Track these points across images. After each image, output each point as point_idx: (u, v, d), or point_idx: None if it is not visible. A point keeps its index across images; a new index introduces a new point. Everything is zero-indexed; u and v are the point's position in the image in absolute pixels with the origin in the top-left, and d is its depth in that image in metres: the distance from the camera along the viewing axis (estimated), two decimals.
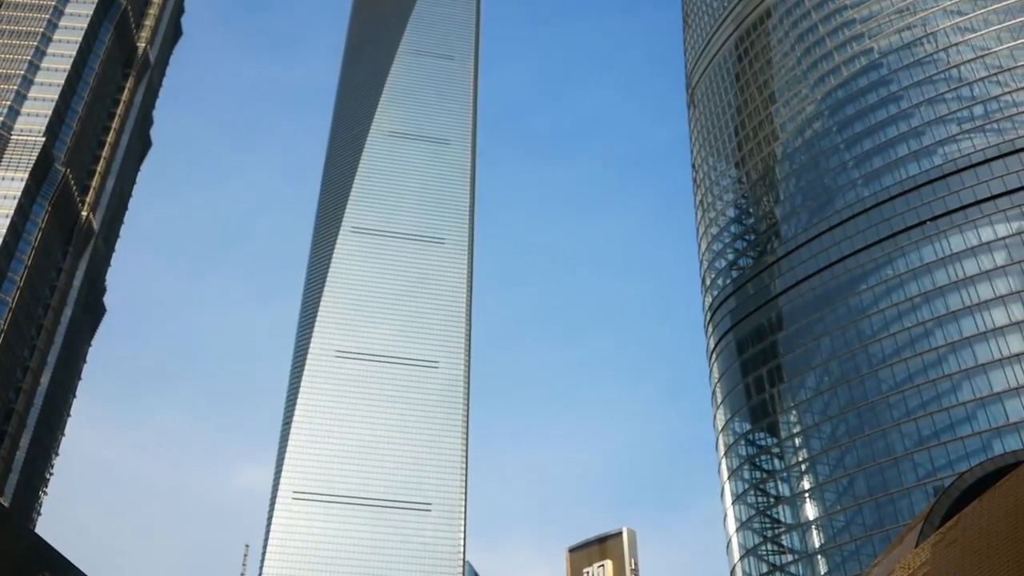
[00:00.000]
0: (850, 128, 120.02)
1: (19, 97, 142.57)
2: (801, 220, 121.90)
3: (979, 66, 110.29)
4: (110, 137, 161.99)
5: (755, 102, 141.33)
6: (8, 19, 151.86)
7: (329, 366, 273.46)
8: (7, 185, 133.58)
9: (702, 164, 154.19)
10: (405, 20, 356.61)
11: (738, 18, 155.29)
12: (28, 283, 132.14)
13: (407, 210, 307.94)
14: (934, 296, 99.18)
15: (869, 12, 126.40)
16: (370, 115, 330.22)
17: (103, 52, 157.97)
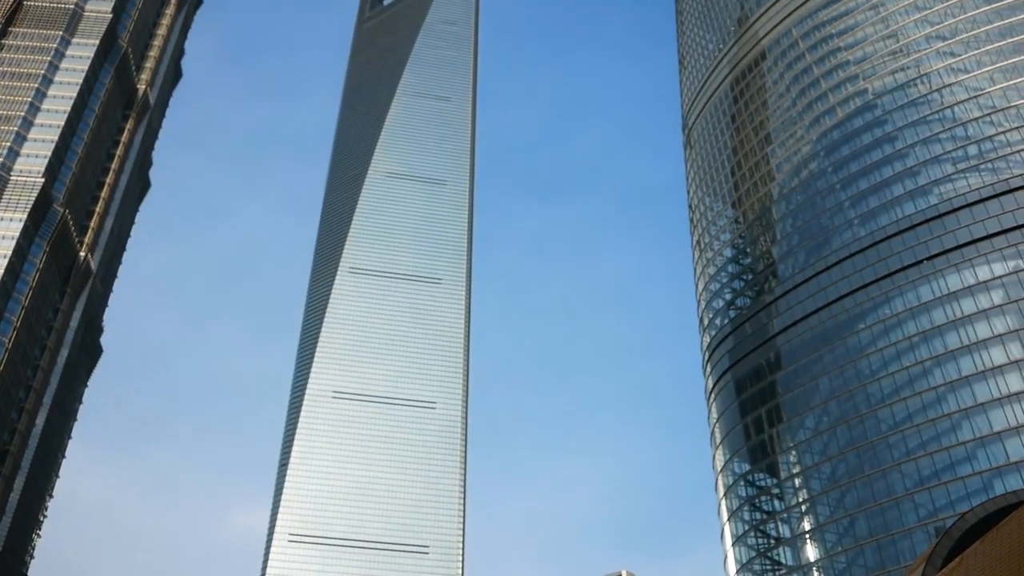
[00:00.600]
0: (846, 168, 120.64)
1: (19, 138, 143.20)
2: (798, 260, 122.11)
3: (973, 106, 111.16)
4: (109, 178, 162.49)
5: (751, 143, 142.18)
6: (9, 61, 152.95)
7: (326, 407, 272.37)
8: (5, 226, 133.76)
9: (699, 204, 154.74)
10: (404, 62, 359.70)
11: (733, 60, 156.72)
12: (25, 323, 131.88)
13: (405, 250, 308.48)
14: (932, 335, 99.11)
15: (863, 54, 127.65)
16: (368, 156, 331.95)
17: (103, 94, 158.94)
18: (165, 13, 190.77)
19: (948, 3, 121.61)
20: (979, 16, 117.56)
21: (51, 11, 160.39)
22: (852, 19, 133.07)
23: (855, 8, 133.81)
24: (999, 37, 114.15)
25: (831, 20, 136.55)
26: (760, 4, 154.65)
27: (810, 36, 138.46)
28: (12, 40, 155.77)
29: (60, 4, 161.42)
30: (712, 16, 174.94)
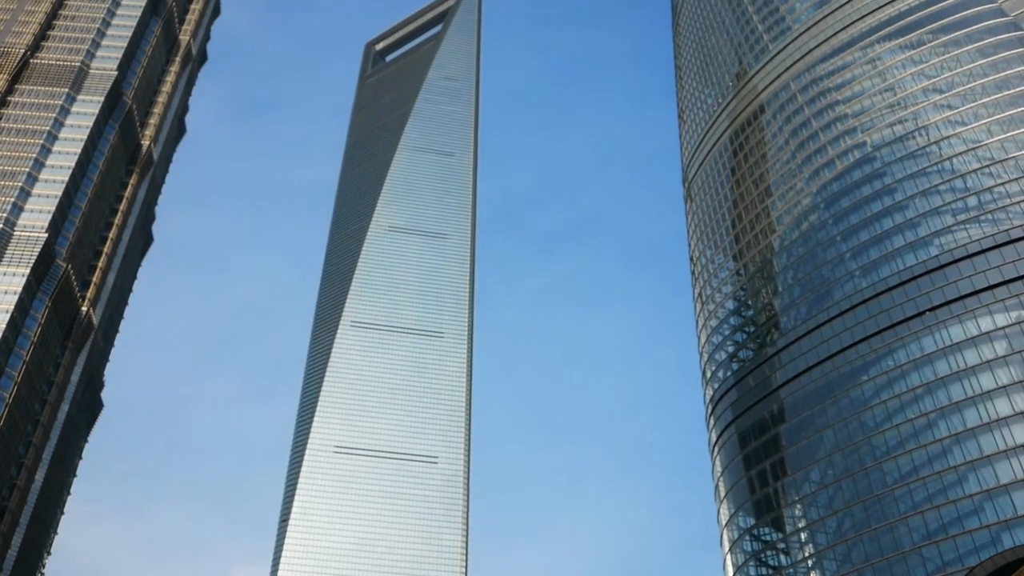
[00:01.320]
0: (846, 220, 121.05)
1: (23, 194, 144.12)
2: (800, 312, 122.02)
3: (971, 158, 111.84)
4: (112, 233, 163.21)
5: (751, 195, 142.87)
6: (15, 118, 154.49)
7: (327, 461, 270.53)
8: (8, 281, 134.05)
9: (700, 257, 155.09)
10: (406, 117, 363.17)
11: (732, 114, 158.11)
12: (26, 379, 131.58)
13: (406, 304, 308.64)
14: (936, 387, 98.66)
15: (861, 107, 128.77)
16: (370, 210, 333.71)
17: (107, 150, 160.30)
18: (169, 70, 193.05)
19: (944, 57, 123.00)
20: (975, 69, 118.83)
21: (57, 69, 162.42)
22: (850, 73, 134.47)
23: (852, 62, 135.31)
24: (996, 90, 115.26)
25: (829, 74, 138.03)
26: (758, 59, 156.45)
27: (808, 90, 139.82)
28: (18, 97, 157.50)
29: (66, 62, 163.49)
30: (710, 71, 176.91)
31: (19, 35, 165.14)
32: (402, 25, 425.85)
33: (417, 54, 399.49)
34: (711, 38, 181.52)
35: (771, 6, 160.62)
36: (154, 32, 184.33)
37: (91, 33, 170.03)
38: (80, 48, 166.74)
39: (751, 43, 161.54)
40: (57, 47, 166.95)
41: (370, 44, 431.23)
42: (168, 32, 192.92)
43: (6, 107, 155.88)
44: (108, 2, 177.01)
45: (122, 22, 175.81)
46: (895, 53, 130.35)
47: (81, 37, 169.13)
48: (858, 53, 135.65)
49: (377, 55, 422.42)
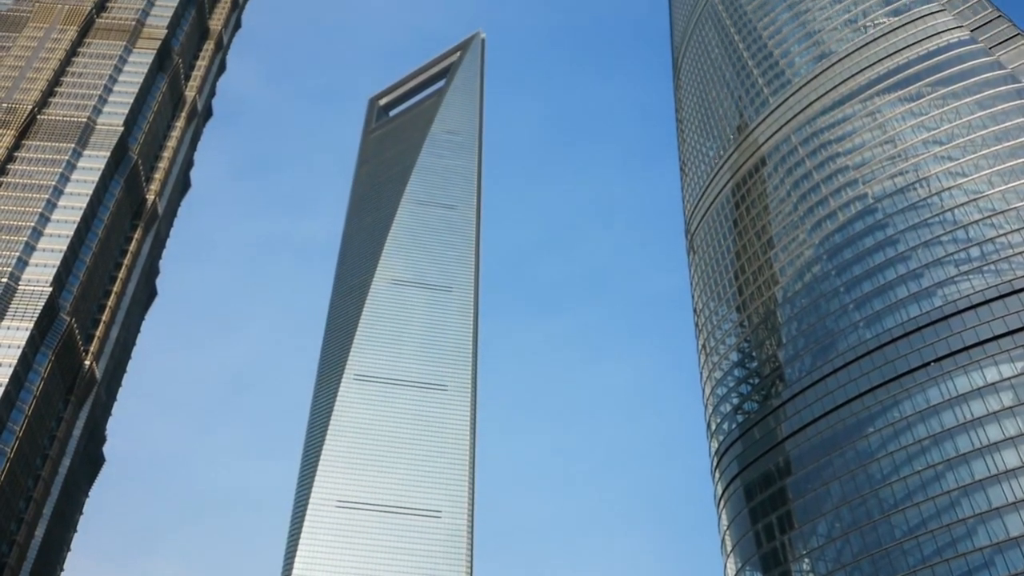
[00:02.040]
0: (849, 271, 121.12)
1: (28, 248, 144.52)
2: (805, 363, 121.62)
3: (972, 209, 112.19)
4: (116, 287, 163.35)
5: (754, 247, 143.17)
6: (22, 173, 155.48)
7: (329, 516, 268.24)
8: (12, 335, 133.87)
9: (703, 308, 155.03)
10: (409, 171, 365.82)
11: (734, 166, 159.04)
12: (27, 433, 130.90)
13: (410, 357, 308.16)
14: (943, 438, 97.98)
15: (862, 159, 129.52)
16: (374, 263, 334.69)
17: (112, 204, 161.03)
18: (175, 126, 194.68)
19: (943, 109, 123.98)
20: (974, 121, 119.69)
21: (64, 125, 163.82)
22: (850, 125, 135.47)
23: (852, 115, 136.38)
24: (995, 141, 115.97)
25: (829, 127, 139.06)
26: (759, 112, 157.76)
27: (809, 142, 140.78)
28: (25, 153, 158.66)
29: (73, 118, 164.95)
30: (712, 124, 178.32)
31: (27, 91, 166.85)
32: (405, 80, 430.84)
33: (420, 108, 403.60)
34: (712, 91, 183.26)
35: (771, 60, 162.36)
36: (160, 88, 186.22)
37: (98, 89, 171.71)
38: (87, 104, 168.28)
39: (751, 96, 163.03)
40: (64, 103, 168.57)
41: (374, 99, 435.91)
42: (174, 88, 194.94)
43: (13, 163, 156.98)
44: (115, 59, 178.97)
45: (129, 78, 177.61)
46: (894, 106, 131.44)
47: (88, 93, 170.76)
48: (858, 106, 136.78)
49: (381, 110, 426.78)
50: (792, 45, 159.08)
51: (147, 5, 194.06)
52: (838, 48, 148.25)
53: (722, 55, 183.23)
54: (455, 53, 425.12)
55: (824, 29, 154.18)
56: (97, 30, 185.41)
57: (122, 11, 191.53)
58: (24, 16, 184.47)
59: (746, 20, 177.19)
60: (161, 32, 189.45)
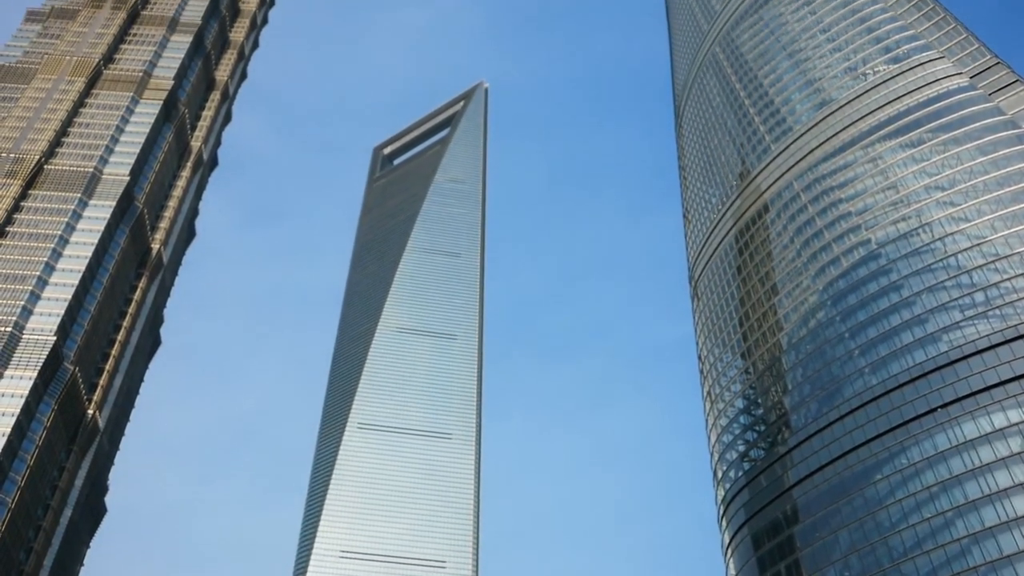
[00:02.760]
0: (853, 317, 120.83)
1: (33, 297, 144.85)
2: (811, 410, 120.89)
3: (976, 254, 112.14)
4: (120, 335, 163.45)
5: (758, 293, 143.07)
6: (28, 223, 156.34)
7: (333, 566, 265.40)
8: (15, 384, 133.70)
9: (708, 355, 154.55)
10: (413, 219, 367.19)
11: (737, 213, 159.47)
12: (29, 483, 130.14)
13: (414, 405, 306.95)
14: (951, 485, 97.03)
15: (864, 205, 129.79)
16: (378, 311, 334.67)
17: (118, 253, 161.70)
18: (180, 175, 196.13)
19: (945, 155, 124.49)
20: (975, 167, 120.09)
21: (71, 175, 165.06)
22: (852, 171, 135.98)
23: (854, 161, 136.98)
24: (997, 186, 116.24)
25: (831, 173, 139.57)
26: (761, 159, 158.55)
27: (811, 188, 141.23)
28: (32, 202, 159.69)
29: (79, 168, 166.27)
30: (714, 171, 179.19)
31: (34, 142, 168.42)
32: (410, 130, 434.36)
33: (424, 157, 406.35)
34: (714, 139, 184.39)
35: (772, 108, 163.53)
36: (166, 138, 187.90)
37: (105, 139, 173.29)
38: (93, 154, 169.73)
39: (753, 143, 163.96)
40: (71, 153, 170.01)
41: (378, 148, 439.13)
42: (180, 138, 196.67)
43: (19, 212, 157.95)
44: (122, 109, 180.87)
45: (135, 128, 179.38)
46: (896, 152, 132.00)
47: (95, 143, 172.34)
48: (859, 152, 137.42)
49: (385, 159, 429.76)
50: (793, 92, 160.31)
51: (154, 56, 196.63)
52: (838, 95, 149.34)
53: (724, 103, 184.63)
54: (459, 103, 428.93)
55: (824, 77, 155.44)
56: (105, 81, 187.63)
57: (130, 62, 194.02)
58: (33, 68, 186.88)
59: (747, 68, 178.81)
60: (168, 83, 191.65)
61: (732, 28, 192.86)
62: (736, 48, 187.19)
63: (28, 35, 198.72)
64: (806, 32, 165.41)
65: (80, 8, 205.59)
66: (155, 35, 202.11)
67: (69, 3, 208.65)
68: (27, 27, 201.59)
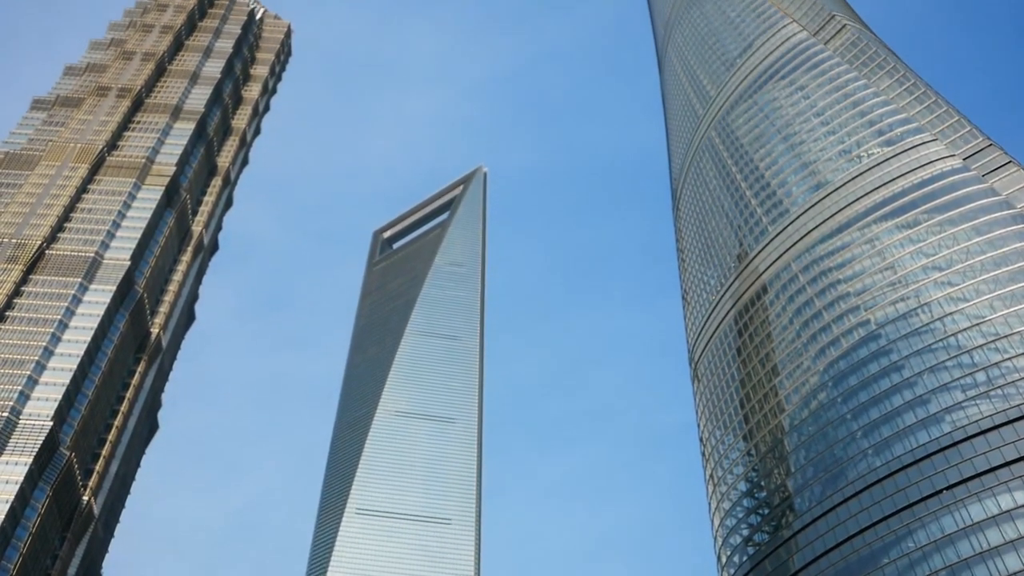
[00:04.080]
0: (855, 398, 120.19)
1: (31, 382, 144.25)
2: (815, 492, 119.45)
3: (976, 334, 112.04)
4: (117, 421, 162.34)
5: (758, 375, 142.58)
6: (28, 307, 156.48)
7: None
8: (10, 470, 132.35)
9: (709, 438, 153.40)
10: (412, 303, 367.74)
11: (735, 294, 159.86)
12: (22, 571, 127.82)
13: (413, 490, 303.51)
14: (960, 569, 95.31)
15: (862, 285, 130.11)
16: (377, 395, 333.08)
17: (117, 337, 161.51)
18: (181, 259, 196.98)
19: (942, 235, 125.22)
20: (972, 247, 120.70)
21: (72, 259, 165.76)
22: (849, 252, 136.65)
23: (851, 242, 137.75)
24: (994, 266, 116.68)
25: (829, 254, 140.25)
26: (758, 240, 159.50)
27: (810, 270, 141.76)
28: (32, 287, 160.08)
29: (81, 252, 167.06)
30: (712, 253, 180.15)
31: (36, 227, 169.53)
32: (409, 213, 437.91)
33: (424, 241, 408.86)
34: (711, 221, 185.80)
35: (768, 190, 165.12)
36: (168, 223, 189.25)
37: (106, 225, 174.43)
38: (95, 239, 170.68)
39: (750, 225, 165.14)
40: (73, 238, 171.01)
41: (378, 232, 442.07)
42: (181, 223, 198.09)
43: (20, 297, 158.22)
44: (125, 195, 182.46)
45: (137, 214, 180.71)
46: (893, 233, 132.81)
47: (96, 228, 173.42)
48: (856, 233, 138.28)
49: (385, 242, 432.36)
50: (789, 175, 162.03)
51: (157, 143, 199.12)
52: (834, 178, 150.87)
53: (720, 185, 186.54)
54: (458, 187, 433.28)
55: (819, 159, 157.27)
56: (108, 167, 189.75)
57: (133, 148, 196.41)
58: (37, 155, 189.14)
59: (742, 151, 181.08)
60: (170, 169, 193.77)
61: (727, 112, 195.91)
62: (731, 132, 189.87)
63: (33, 123, 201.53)
64: (800, 116, 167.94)
65: (85, 96, 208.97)
66: (158, 122, 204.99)
67: (74, 92, 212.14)
68: (32, 115, 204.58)
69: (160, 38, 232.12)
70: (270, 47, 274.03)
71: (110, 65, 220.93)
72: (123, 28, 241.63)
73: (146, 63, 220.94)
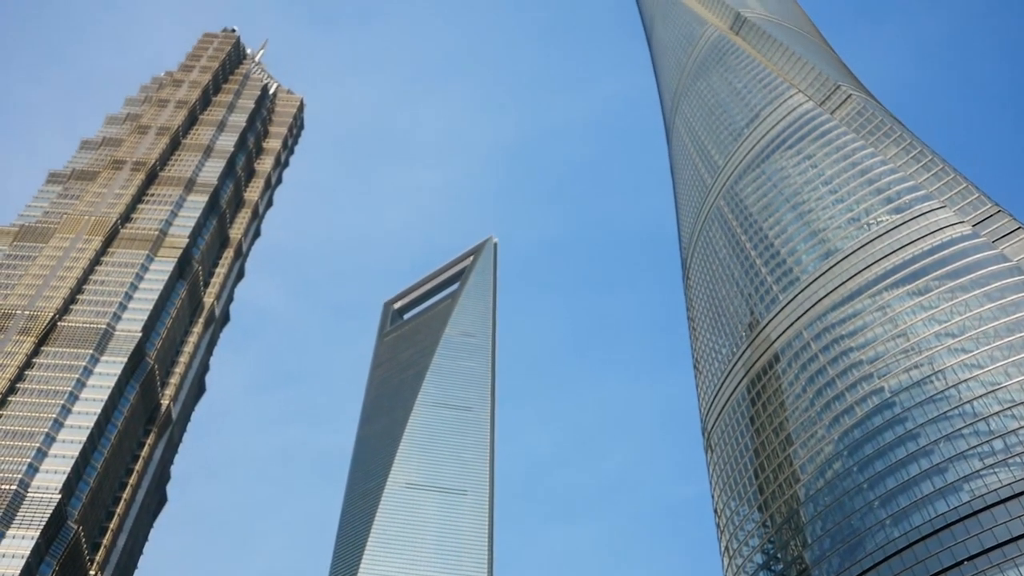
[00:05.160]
0: (871, 467, 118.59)
1: (40, 454, 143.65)
2: (832, 564, 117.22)
3: (991, 401, 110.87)
4: (126, 493, 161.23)
5: (772, 444, 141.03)
6: (39, 379, 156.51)
7: None
8: (17, 544, 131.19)
9: (724, 508, 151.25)
10: (423, 374, 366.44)
11: (747, 363, 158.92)
12: None
13: (424, 563, 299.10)
14: None
15: (875, 353, 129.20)
16: (387, 467, 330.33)
17: (127, 409, 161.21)
18: (192, 331, 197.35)
19: (953, 302, 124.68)
20: (984, 313, 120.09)
21: (84, 331, 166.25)
22: (860, 320, 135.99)
23: (863, 310, 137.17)
24: (1008, 332, 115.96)
25: (840, 322, 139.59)
26: (769, 309, 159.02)
27: (821, 337, 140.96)
28: (43, 359, 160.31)
29: (92, 324, 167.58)
30: (723, 322, 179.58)
31: (49, 299, 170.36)
32: (420, 284, 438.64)
33: (434, 311, 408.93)
34: (721, 290, 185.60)
35: (778, 258, 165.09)
36: (180, 294, 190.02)
37: (119, 296, 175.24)
38: (107, 311, 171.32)
39: (761, 294, 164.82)
40: (85, 310, 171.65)
41: (388, 303, 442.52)
42: (193, 294, 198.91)
43: (31, 368, 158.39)
44: (137, 267, 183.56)
45: (149, 285, 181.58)
46: (904, 300, 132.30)
47: (109, 300, 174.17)
48: (867, 301, 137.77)
49: (395, 313, 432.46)
50: (798, 243, 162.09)
51: (170, 215, 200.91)
52: (843, 245, 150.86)
53: (730, 254, 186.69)
54: (468, 257, 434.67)
55: (828, 227, 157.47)
56: (121, 239, 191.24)
57: (146, 221, 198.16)
58: (52, 227, 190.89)
59: (751, 220, 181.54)
60: (183, 241, 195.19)
61: (735, 181, 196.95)
62: (740, 201, 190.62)
63: (49, 196, 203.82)
64: (808, 184, 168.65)
65: (100, 170, 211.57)
66: (172, 195, 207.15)
67: (90, 165, 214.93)
68: (48, 188, 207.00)
69: (175, 112, 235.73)
70: (283, 121, 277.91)
71: (125, 139, 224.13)
72: (139, 103, 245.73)
73: (161, 137, 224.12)
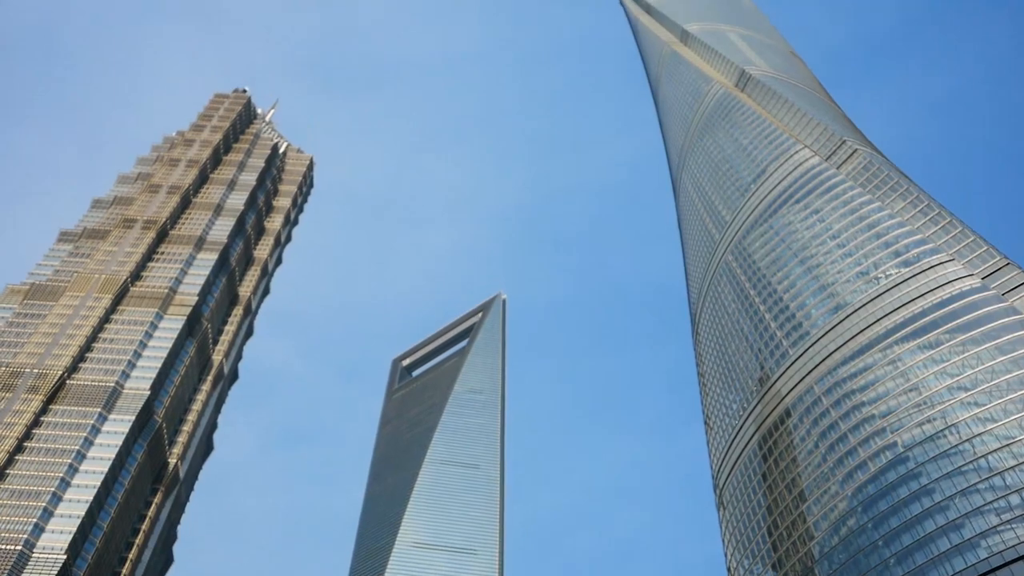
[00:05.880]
0: (886, 524, 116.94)
1: (46, 514, 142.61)
2: None
3: (1006, 455, 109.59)
4: (132, 553, 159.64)
5: (785, 501, 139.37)
6: (46, 438, 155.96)
7: None
8: None
9: (737, 567, 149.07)
10: (432, 431, 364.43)
11: (758, 418, 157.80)
12: None
13: None
14: None
15: (887, 407, 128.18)
16: (396, 526, 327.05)
17: (134, 468, 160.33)
18: (201, 388, 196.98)
19: (964, 355, 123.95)
20: (997, 366, 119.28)
21: (92, 389, 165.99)
22: (872, 374, 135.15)
23: (874, 364, 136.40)
24: (1020, 385, 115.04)
25: (851, 376, 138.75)
26: (780, 364, 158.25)
27: (833, 392, 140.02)
28: (51, 417, 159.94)
29: (101, 382, 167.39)
30: (733, 378, 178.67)
31: (58, 357, 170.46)
32: (428, 341, 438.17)
33: (443, 368, 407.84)
34: (731, 345, 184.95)
35: (787, 313, 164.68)
36: (188, 352, 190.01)
37: (128, 355, 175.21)
38: (116, 369, 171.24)
39: (771, 349, 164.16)
40: (94, 368, 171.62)
41: (397, 360, 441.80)
42: (202, 352, 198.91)
43: (38, 427, 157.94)
44: (146, 325, 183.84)
45: (158, 343, 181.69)
46: (915, 353, 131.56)
47: (118, 359, 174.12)
48: (878, 355, 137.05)
49: (404, 370, 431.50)
50: (807, 297, 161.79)
51: (180, 273, 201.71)
52: (853, 299, 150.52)
53: (739, 309, 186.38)
54: (477, 314, 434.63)
55: (837, 281, 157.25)
56: (131, 297, 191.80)
57: (156, 279, 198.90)
58: (62, 285, 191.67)
59: (760, 275, 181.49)
60: (192, 299, 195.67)
61: (743, 237, 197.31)
62: (748, 256, 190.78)
63: (60, 254, 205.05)
64: (816, 239, 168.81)
65: (111, 229, 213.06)
66: (182, 253, 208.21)
67: (101, 224, 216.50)
68: (59, 247, 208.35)
69: (186, 172, 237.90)
70: (292, 179, 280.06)
71: (137, 198, 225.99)
72: (150, 162, 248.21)
73: (172, 196, 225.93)
